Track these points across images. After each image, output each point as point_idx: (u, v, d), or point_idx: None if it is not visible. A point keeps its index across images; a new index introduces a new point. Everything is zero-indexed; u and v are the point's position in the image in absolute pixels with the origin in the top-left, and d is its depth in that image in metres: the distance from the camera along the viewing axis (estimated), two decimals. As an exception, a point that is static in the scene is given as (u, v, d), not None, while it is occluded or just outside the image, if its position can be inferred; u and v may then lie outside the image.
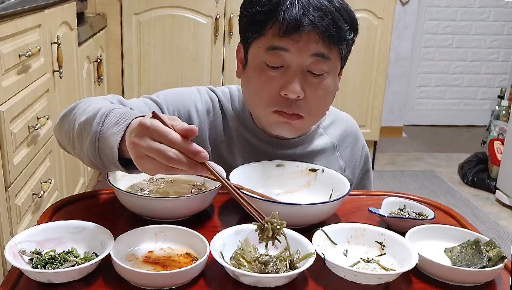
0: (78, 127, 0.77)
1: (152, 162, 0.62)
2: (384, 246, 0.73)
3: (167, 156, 0.60)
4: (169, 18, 2.51)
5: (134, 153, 0.63)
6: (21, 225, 1.27)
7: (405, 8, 3.38)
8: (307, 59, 0.83)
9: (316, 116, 0.90)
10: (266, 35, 0.83)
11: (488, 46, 3.71)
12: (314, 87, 0.85)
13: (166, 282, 0.63)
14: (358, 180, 1.07)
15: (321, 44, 0.82)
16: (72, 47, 1.78)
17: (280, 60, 0.83)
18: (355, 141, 1.05)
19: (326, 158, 0.99)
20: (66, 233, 0.70)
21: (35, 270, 0.63)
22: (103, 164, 0.74)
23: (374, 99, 2.78)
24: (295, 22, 0.80)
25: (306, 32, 0.80)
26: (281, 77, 0.84)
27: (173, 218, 0.79)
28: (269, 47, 0.83)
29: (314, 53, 0.82)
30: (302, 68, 0.84)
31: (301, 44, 0.81)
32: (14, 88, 1.23)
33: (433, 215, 0.80)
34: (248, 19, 0.86)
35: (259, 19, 0.83)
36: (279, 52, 0.82)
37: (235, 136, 0.96)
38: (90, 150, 0.74)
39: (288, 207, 0.77)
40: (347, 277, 0.66)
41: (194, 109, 0.95)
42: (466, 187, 2.83)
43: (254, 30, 0.85)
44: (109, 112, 0.73)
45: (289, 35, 0.81)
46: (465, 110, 3.85)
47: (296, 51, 0.82)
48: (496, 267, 0.67)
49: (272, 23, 0.82)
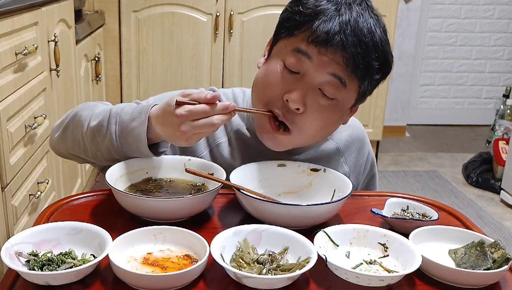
0: (90, 132, 0.84)
1: (200, 135, 0.77)
2: (387, 247, 0.72)
3: (213, 123, 0.74)
4: (168, 16, 2.50)
5: (183, 139, 0.76)
6: (18, 226, 1.27)
7: (409, 6, 3.37)
8: (324, 76, 0.81)
9: (306, 138, 0.87)
10: (296, 37, 0.82)
11: (492, 44, 3.68)
12: (318, 108, 0.83)
13: (165, 284, 0.62)
14: (363, 185, 1.06)
15: (343, 68, 0.80)
16: (69, 45, 1.78)
17: (299, 65, 0.82)
18: (361, 146, 1.03)
19: (330, 163, 0.97)
20: (64, 234, 0.70)
21: (32, 272, 0.62)
22: (125, 156, 0.84)
23: (377, 98, 2.77)
24: (326, 35, 0.78)
25: (333, 50, 0.79)
26: (292, 82, 0.83)
27: (172, 219, 0.78)
28: (294, 49, 0.82)
29: (333, 73, 0.80)
30: (315, 83, 0.82)
31: (324, 58, 0.80)
32: (11, 86, 1.23)
33: (437, 216, 0.80)
34: (288, 16, 0.85)
35: (297, 19, 0.82)
36: (301, 56, 0.81)
37: (235, 139, 0.95)
38: (112, 147, 0.82)
39: (289, 208, 0.76)
40: (349, 279, 0.65)
41: None
42: (470, 187, 2.81)
43: (288, 27, 0.84)
44: (118, 112, 0.83)
45: (317, 45, 0.79)
46: (470, 109, 3.83)
47: (317, 62, 0.80)
48: (501, 269, 0.67)
49: (306, 28, 0.81)
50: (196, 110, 0.73)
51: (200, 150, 0.94)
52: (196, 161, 0.89)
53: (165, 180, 0.87)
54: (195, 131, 0.74)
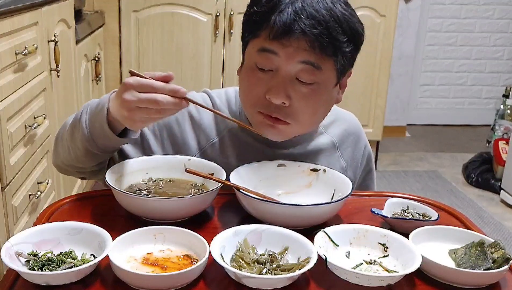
0: (69, 129, 0.86)
1: (144, 111, 0.73)
2: (387, 247, 0.72)
3: (157, 100, 0.71)
4: (168, 16, 2.50)
5: (125, 108, 0.73)
6: (18, 226, 1.27)
7: (409, 6, 3.37)
8: (296, 66, 0.82)
9: (305, 125, 0.88)
10: (260, 36, 0.83)
11: (492, 44, 3.68)
12: (302, 96, 0.83)
13: (165, 284, 0.62)
14: (360, 180, 1.06)
15: (311, 52, 0.80)
16: (69, 45, 1.78)
17: (269, 63, 0.83)
18: (357, 140, 1.03)
19: (326, 157, 0.98)
20: (64, 234, 0.70)
21: (32, 272, 0.62)
22: (98, 146, 0.82)
23: (377, 98, 2.77)
24: (284, 27, 0.79)
25: (296, 39, 0.79)
26: (269, 80, 0.83)
27: (172, 219, 0.78)
28: (260, 49, 0.83)
29: (303, 60, 0.81)
30: (290, 74, 0.82)
31: (290, 49, 0.80)
32: (11, 86, 1.23)
33: (437, 216, 0.80)
34: (247, 18, 0.86)
35: (255, 20, 0.83)
36: (268, 54, 0.82)
37: (228, 137, 0.95)
38: (83, 138, 0.82)
39: (289, 208, 0.76)
40: (349, 279, 0.65)
41: (174, 120, 0.95)
42: (470, 187, 2.81)
43: (250, 30, 0.85)
44: (89, 104, 0.84)
45: (279, 39, 0.80)
46: (470, 109, 3.83)
47: (284, 56, 0.81)
48: (501, 269, 0.67)
49: (266, 26, 0.81)
50: (143, 82, 0.72)
51: (193, 152, 0.94)
52: (196, 161, 0.89)
53: (165, 180, 0.87)
54: (138, 104, 0.72)
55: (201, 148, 0.94)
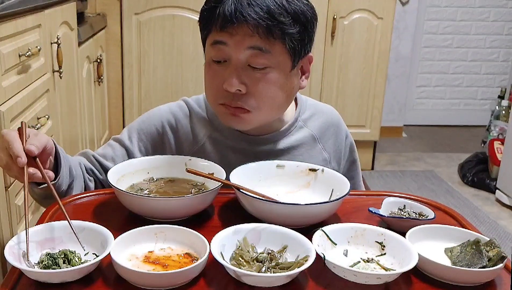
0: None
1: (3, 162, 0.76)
2: (384, 246, 0.73)
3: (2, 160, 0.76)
4: (169, 18, 2.51)
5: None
6: (21, 225, 1.27)
7: (405, 8, 3.38)
8: (244, 52, 0.84)
9: (267, 111, 0.90)
10: (212, 31, 0.86)
11: (488, 46, 3.70)
12: (256, 82, 0.86)
13: (166, 282, 0.63)
14: (344, 171, 1.07)
15: (257, 37, 0.83)
16: (72, 47, 1.78)
17: (222, 54, 0.86)
18: (338, 131, 1.04)
19: (307, 151, 0.99)
20: (66, 233, 0.70)
21: (35, 270, 0.63)
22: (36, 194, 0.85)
23: (374, 99, 2.78)
24: (227, 16, 0.82)
25: (240, 26, 0.82)
26: (224, 71, 0.86)
27: (173, 218, 0.79)
28: (213, 42, 0.87)
29: (251, 46, 0.84)
30: (241, 62, 0.85)
31: (237, 37, 0.83)
32: (14, 88, 1.23)
33: (433, 215, 0.80)
34: (199, 17, 0.90)
35: (206, 15, 0.87)
36: (219, 46, 0.85)
37: (208, 143, 0.97)
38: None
39: (288, 207, 0.77)
40: (347, 277, 0.66)
41: (156, 134, 0.98)
42: (466, 187, 2.83)
43: (203, 27, 0.89)
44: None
45: (225, 29, 0.83)
46: (465, 110, 3.85)
47: (233, 44, 0.84)
48: (496, 267, 0.67)
49: (213, 19, 0.85)
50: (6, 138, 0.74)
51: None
52: (197, 161, 0.90)
53: (166, 180, 0.88)
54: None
55: (188, 155, 0.96)
